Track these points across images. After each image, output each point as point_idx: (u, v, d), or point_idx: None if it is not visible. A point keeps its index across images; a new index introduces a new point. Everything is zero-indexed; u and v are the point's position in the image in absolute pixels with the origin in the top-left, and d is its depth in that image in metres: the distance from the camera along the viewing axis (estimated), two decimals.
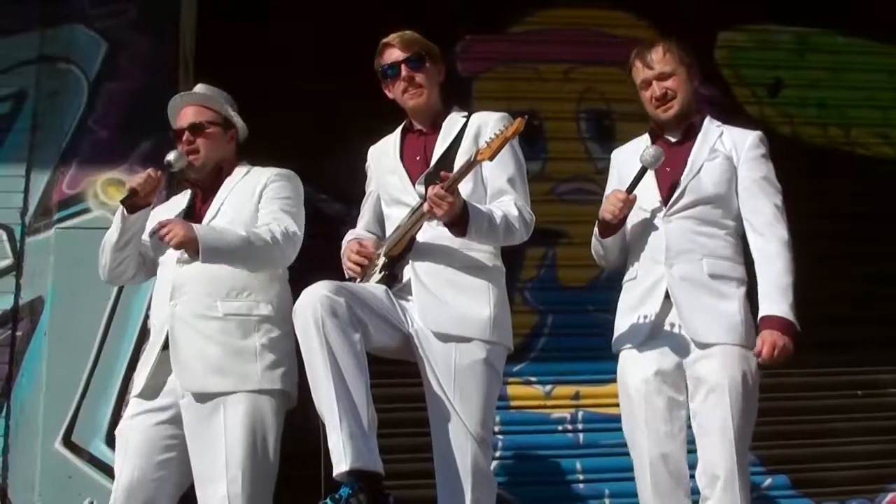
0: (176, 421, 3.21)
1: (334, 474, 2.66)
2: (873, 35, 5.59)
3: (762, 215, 3.24)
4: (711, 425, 3.08)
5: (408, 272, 3.12)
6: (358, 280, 3.19)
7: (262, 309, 3.29)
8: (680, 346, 3.18)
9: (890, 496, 4.84)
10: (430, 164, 3.17)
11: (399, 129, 3.38)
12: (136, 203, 3.24)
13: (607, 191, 3.39)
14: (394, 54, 3.25)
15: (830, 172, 5.30)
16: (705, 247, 3.20)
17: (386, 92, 3.33)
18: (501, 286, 3.17)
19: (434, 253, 3.11)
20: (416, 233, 3.10)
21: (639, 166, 3.22)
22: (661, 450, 3.14)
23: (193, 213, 3.43)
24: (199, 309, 3.24)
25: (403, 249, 3.12)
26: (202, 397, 3.16)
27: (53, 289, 4.16)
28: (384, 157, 3.36)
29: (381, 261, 3.15)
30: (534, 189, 3.33)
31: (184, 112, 3.48)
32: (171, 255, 3.31)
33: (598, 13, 5.42)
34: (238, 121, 3.55)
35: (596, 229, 3.36)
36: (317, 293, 2.81)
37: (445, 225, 2.98)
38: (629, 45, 5.19)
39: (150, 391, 3.25)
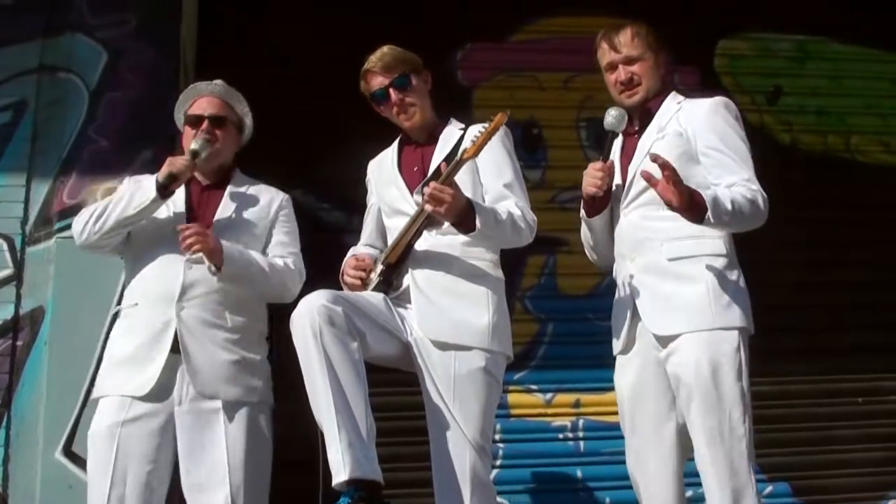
0: (167, 426, 3.17)
1: (334, 484, 2.66)
2: (873, 43, 5.60)
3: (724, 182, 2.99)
4: (692, 423, 2.93)
5: (407, 280, 3.12)
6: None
7: (260, 325, 3.36)
8: (657, 348, 3.02)
9: (891, 503, 4.84)
10: (428, 174, 3.16)
11: (396, 142, 3.38)
12: (169, 190, 3.24)
13: None
14: (377, 80, 3.24)
15: (830, 180, 5.30)
16: (664, 231, 3.00)
17: (379, 112, 3.33)
18: (501, 294, 3.16)
19: (433, 261, 3.11)
20: (412, 239, 3.10)
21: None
22: (646, 456, 3.06)
23: (193, 211, 3.38)
24: (208, 316, 3.21)
25: (400, 257, 3.11)
26: (207, 403, 3.15)
27: (54, 299, 4.16)
28: (383, 170, 3.36)
29: (379, 268, 3.15)
30: (534, 197, 3.32)
31: (204, 101, 3.46)
32: (175, 249, 3.22)
33: (598, 21, 5.34)
34: (248, 128, 3.56)
35: (582, 212, 3.22)
36: (314, 303, 2.81)
37: (453, 224, 2.96)
38: None
39: (152, 394, 3.16)
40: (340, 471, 2.63)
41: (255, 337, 3.33)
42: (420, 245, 3.13)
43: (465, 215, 2.92)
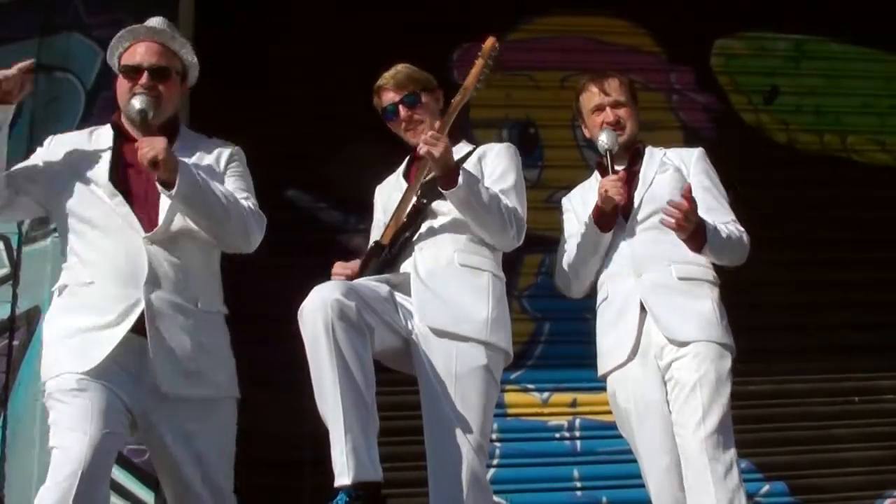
0: (131, 405, 2.80)
1: (336, 485, 2.65)
2: (869, 42, 5.61)
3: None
4: (685, 424, 3.04)
5: (408, 266, 3.12)
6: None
7: (223, 308, 3.07)
8: (660, 355, 3.15)
9: (888, 502, 4.85)
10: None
11: (406, 160, 3.41)
12: None
13: (566, 232, 3.46)
14: (388, 96, 3.30)
15: (826, 180, 5.31)
16: (670, 253, 3.19)
17: (390, 128, 3.35)
18: (502, 292, 3.17)
19: (434, 253, 3.12)
20: (404, 222, 3.14)
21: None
22: (665, 463, 3.12)
23: (128, 175, 2.96)
24: (179, 300, 2.88)
25: (391, 240, 3.15)
26: (180, 397, 2.87)
27: (50, 298, 4.15)
28: (389, 185, 3.41)
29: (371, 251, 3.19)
30: (530, 197, 3.34)
31: (143, 47, 3.01)
32: (126, 225, 2.87)
33: (594, 21, 5.43)
34: (194, 69, 3.16)
35: (594, 228, 3.26)
36: (328, 297, 2.76)
37: (438, 178, 3.00)
38: (626, 53, 5.29)
39: (101, 371, 2.74)
40: (344, 474, 2.63)
41: (220, 320, 3.03)
42: (422, 238, 3.15)
43: (452, 170, 2.97)
